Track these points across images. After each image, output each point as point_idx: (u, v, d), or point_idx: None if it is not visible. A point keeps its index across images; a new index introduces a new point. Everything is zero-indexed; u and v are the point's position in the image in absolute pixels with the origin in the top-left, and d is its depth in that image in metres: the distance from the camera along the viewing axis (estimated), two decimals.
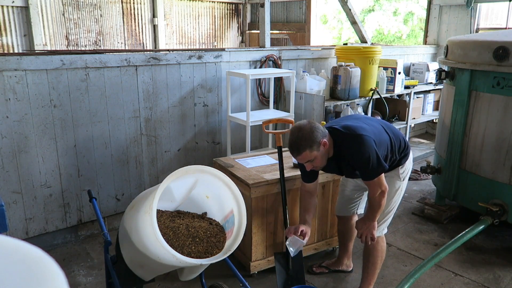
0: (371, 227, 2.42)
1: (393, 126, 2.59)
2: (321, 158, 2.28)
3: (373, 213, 2.42)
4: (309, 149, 2.20)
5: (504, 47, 3.15)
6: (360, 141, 2.23)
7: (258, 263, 2.93)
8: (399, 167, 2.51)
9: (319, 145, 2.22)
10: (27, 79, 2.98)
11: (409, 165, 2.56)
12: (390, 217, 2.63)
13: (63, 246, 3.39)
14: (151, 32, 7.89)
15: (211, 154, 4.16)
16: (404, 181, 2.55)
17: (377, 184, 2.30)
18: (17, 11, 6.07)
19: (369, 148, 2.21)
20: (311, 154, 2.22)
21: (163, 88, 3.70)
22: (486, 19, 6.28)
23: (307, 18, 8.29)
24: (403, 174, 2.53)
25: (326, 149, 2.27)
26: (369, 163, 2.22)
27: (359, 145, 2.23)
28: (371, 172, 2.27)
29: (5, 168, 3.02)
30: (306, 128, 2.22)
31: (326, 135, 2.28)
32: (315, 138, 2.20)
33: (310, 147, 2.20)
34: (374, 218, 2.42)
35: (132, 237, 1.96)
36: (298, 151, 2.22)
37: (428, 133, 6.88)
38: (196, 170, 2.03)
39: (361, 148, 2.22)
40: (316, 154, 2.23)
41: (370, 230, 2.43)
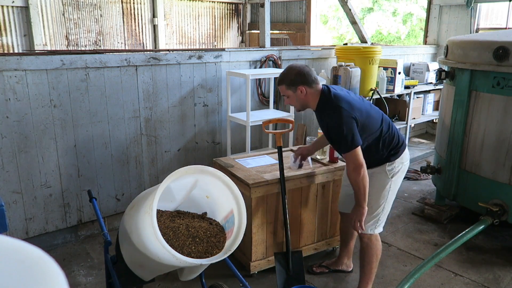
0: (359, 213, 2.43)
1: (394, 125, 2.59)
2: (295, 100, 2.47)
3: (357, 196, 2.42)
4: (286, 86, 2.42)
5: (504, 47, 3.15)
6: (338, 113, 2.33)
7: (258, 263, 2.93)
8: (387, 163, 2.50)
9: (295, 89, 2.41)
10: (27, 79, 2.98)
11: (399, 164, 2.53)
12: (382, 216, 2.59)
13: (63, 246, 3.39)
14: (151, 32, 7.90)
15: (211, 154, 4.16)
16: (393, 178, 2.52)
17: (350, 159, 2.35)
18: (17, 11, 6.07)
19: (345, 122, 2.30)
20: (286, 91, 2.44)
21: (163, 88, 3.70)
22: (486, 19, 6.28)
23: (307, 18, 8.29)
24: (391, 171, 2.51)
25: (303, 97, 2.43)
26: (341, 135, 2.31)
27: (336, 115, 2.33)
28: (343, 145, 2.34)
29: (5, 168, 3.02)
30: (296, 69, 2.43)
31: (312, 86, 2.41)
32: (295, 80, 2.39)
33: (287, 85, 2.42)
34: (359, 202, 2.42)
35: (132, 237, 1.96)
36: (278, 81, 2.48)
37: (428, 133, 6.88)
38: (196, 170, 2.02)
39: (337, 118, 2.32)
40: (291, 93, 2.44)
41: (358, 216, 2.43)
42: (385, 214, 2.62)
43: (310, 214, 3.07)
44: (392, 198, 2.60)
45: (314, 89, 2.42)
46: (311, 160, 3.08)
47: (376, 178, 2.51)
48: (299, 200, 2.98)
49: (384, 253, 3.01)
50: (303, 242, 3.11)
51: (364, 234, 2.61)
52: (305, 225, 3.07)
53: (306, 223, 3.07)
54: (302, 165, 2.96)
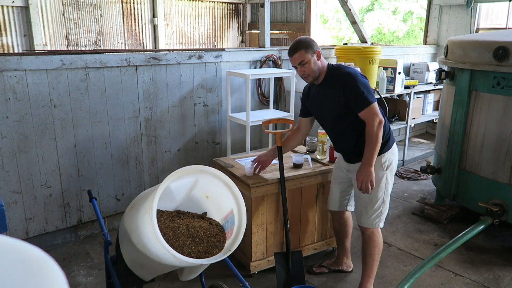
0: (368, 173, 2.45)
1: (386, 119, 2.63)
2: (312, 65, 2.49)
3: (370, 151, 2.44)
4: (305, 50, 2.46)
5: (504, 47, 3.15)
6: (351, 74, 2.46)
7: (258, 263, 2.93)
8: (381, 155, 2.53)
9: (313, 52, 2.48)
10: (27, 79, 2.98)
11: (391, 156, 2.58)
12: (382, 208, 2.61)
13: (63, 246, 3.39)
14: (151, 32, 7.89)
15: (211, 154, 4.16)
16: (388, 171, 2.56)
17: (374, 112, 2.43)
18: (17, 11, 6.07)
19: (360, 80, 2.43)
20: (306, 55, 2.46)
21: (163, 88, 3.70)
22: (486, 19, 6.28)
23: (307, 18, 8.29)
24: (385, 163, 2.55)
25: (319, 60, 2.50)
26: (360, 90, 2.41)
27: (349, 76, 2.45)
28: (365, 99, 2.42)
29: (5, 168, 3.02)
30: (307, 38, 2.55)
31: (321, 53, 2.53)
32: (312, 45, 2.48)
33: (306, 49, 2.46)
34: (370, 159, 2.44)
35: (132, 237, 1.96)
36: (295, 49, 2.47)
37: (428, 133, 6.88)
38: (196, 170, 2.03)
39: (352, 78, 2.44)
40: (310, 58, 2.47)
41: (368, 176, 2.45)
42: (386, 208, 2.64)
43: (310, 214, 3.07)
44: (389, 191, 2.63)
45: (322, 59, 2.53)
46: (311, 160, 3.08)
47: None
48: (299, 200, 2.98)
49: (384, 253, 3.01)
50: (303, 242, 3.11)
51: (365, 228, 2.64)
52: (305, 225, 3.07)
53: (306, 223, 3.07)
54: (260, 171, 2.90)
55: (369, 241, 2.66)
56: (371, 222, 2.61)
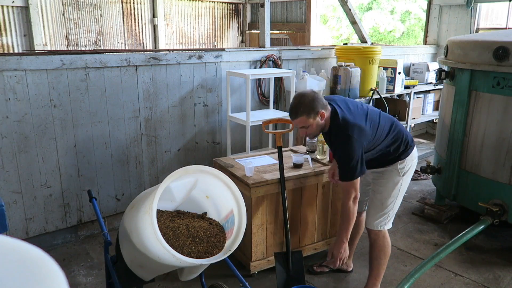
0: (340, 249, 2.46)
1: (400, 125, 2.57)
2: (316, 127, 2.37)
3: (342, 229, 2.46)
4: (307, 115, 2.29)
5: (504, 47, 3.15)
6: (348, 142, 2.29)
7: (258, 263, 2.93)
8: (398, 161, 2.51)
9: (316, 114, 2.30)
10: (27, 79, 2.98)
11: (410, 162, 2.55)
12: (390, 212, 2.61)
13: (63, 246, 3.39)
14: (151, 32, 7.89)
15: (211, 154, 4.16)
16: (404, 177, 2.55)
17: (348, 188, 2.38)
18: (17, 11, 6.07)
19: (354, 151, 2.29)
20: (308, 120, 2.31)
21: (163, 88, 3.70)
22: (486, 19, 6.28)
23: (307, 18, 8.29)
24: (403, 169, 2.52)
25: (322, 121, 2.35)
26: (349, 165, 2.31)
27: (346, 144, 2.31)
28: (349, 174, 2.35)
29: (5, 168, 3.02)
30: (309, 96, 2.31)
31: (327, 109, 2.34)
32: (315, 107, 2.28)
33: (308, 114, 2.29)
34: (341, 234, 2.46)
35: (132, 237, 1.96)
36: (296, 115, 2.32)
37: (428, 133, 6.88)
38: (196, 170, 2.02)
39: (347, 148, 2.30)
40: (312, 122, 2.32)
41: (339, 251, 2.46)
42: (394, 211, 2.64)
43: (310, 214, 3.07)
44: (402, 195, 2.62)
45: (328, 111, 2.36)
46: (311, 160, 3.08)
47: (388, 176, 2.54)
48: (299, 200, 2.98)
49: None
50: (303, 242, 3.11)
51: (372, 230, 2.63)
52: (305, 225, 3.07)
53: (306, 223, 3.07)
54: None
55: (374, 244, 2.65)
56: (377, 225, 2.61)
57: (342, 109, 2.39)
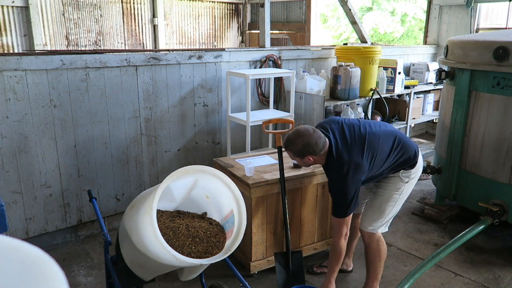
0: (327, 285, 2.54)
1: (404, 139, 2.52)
2: (303, 163, 2.48)
3: (331, 267, 2.53)
4: (293, 153, 2.42)
5: (504, 47, 3.15)
6: (343, 180, 2.33)
7: (258, 263, 2.93)
8: (401, 170, 2.51)
9: (303, 157, 2.39)
10: (27, 79, 2.98)
11: (415, 171, 2.55)
12: (388, 216, 2.60)
13: (63, 246, 3.39)
14: (151, 32, 7.89)
15: (211, 154, 4.16)
16: (407, 183, 2.54)
17: (340, 224, 2.43)
18: (17, 11, 6.07)
19: (348, 189, 2.33)
20: (294, 157, 2.46)
21: (163, 88, 3.70)
22: (486, 19, 6.27)
23: (307, 18, 8.29)
24: (407, 177, 2.52)
25: (310, 163, 2.44)
26: (341, 201, 2.36)
27: (339, 181, 2.34)
28: (342, 211, 2.39)
29: (5, 168, 3.02)
30: (304, 138, 2.32)
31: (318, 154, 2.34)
32: (303, 151, 2.35)
33: (294, 153, 2.41)
34: (330, 274, 2.54)
35: (132, 237, 1.96)
36: (286, 147, 2.44)
37: (428, 133, 6.88)
38: (196, 170, 2.03)
39: (340, 184, 2.34)
40: (298, 159, 2.45)
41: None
42: (392, 216, 2.63)
43: (310, 214, 3.07)
44: (402, 201, 2.61)
45: (321, 154, 2.36)
46: None
47: (390, 181, 2.53)
48: (299, 200, 2.98)
49: None
50: (303, 242, 3.11)
51: (365, 232, 2.62)
52: (305, 225, 3.07)
53: (306, 223, 3.07)
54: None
55: (368, 247, 2.66)
56: (370, 227, 2.60)
57: (338, 141, 2.38)
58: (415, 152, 2.53)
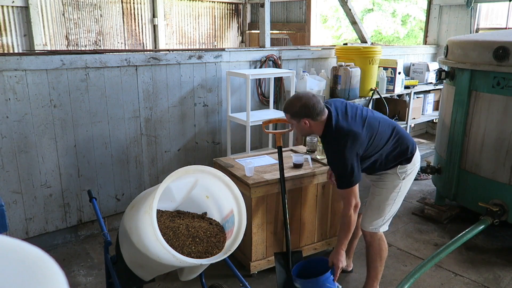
0: (339, 258, 2.44)
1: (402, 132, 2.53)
2: (299, 129, 2.47)
3: (341, 237, 2.45)
4: (290, 116, 2.41)
5: (504, 47, 3.15)
6: (341, 150, 2.29)
7: (258, 263, 2.93)
8: (398, 166, 2.50)
9: (299, 120, 2.37)
10: (27, 79, 2.98)
11: (411, 167, 2.53)
12: (388, 215, 2.59)
13: (63, 246, 3.39)
14: (151, 32, 7.89)
15: (211, 154, 4.16)
16: (404, 180, 2.53)
17: (347, 195, 2.37)
18: (17, 11, 6.07)
19: (348, 159, 2.28)
20: (291, 120, 2.43)
21: (163, 88, 3.70)
22: (486, 19, 6.28)
23: (307, 18, 8.29)
24: (403, 174, 2.51)
25: (306, 128, 2.40)
26: (343, 172, 2.31)
27: (337, 152, 2.31)
28: (345, 182, 2.35)
29: (5, 168, 3.02)
30: (301, 100, 2.35)
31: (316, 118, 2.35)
32: (300, 114, 2.35)
33: (291, 115, 2.40)
34: (340, 244, 2.45)
35: (132, 237, 1.96)
36: (284, 110, 2.45)
37: (428, 133, 6.88)
38: (196, 170, 2.03)
39: (338, 155, 2.31)
40: (294, 123, 2.42)
41: (338, 261, 2.44)
42: (392, 214, 2.62)
43: (310, 214, 3.07)
44: (401, 199, 2.60)
45: (318, 121, 2.36)
46: (311, 160, 3.08)
47: (387, 179, 2.52)
48: (299, 200, 2.98)
49: None
50: (303, 242, 3.11)
51: (367, 232, 2.62)
52: (305, 225, 3.07)
53: (306, 223, 3.07)
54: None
55: (369, 246, 2.65)
56: (372, 227, 2.60)
57: (338, 114, 2.38)
58: (412, 145, 2.53)
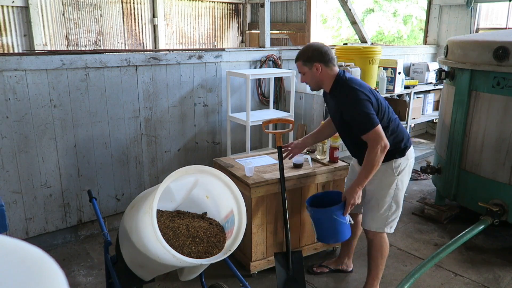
0: (354, 193, 2.39)
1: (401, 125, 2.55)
2: (310, 78, 2.47)
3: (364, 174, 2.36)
4: (302, 62, 2.43)
5: (504, 47, 3.15)
6: (354, 93, 2.32)
7: (258, 263, 2.93)
8: (393, 160, 2.48)
9: (311, 65, 2.40)
10: (27, 79, 2.98)
11: (405, 161, 2.51)
12: (389, 214, 2.57)
13: (63, 246, 3.39)
14: (151, 32, 7.90)
15: (211, 154, 4.16)
16: (399, 176, 2.51)
17: (376, 138, 2.29)
18: (17, 11, 6.07)
19: (362, 102, 2.30)
20: (303, 67, 2.45)
21: (163, 88, 3.70)
22: (486, 19, 6.28)
23: (307, 18, 8.29)
24: (397, 168, 2.49)
25: (318, 74, 2.42)
26: (360, 115, 2.30)
27: (352, 95, 2.33)
28: (364, 124, 2.31)
29: (5, 168, 3.02)
30: (314, 46, 2.43)
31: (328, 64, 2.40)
32: (312, 57, 2.39)
33: (304, 61, 2.42)
34: (362, 181, 2.38)
35: (132, 237, 1.96)
36: (296, 58, 2.47)
37: (428, 133, 6.88)
38: (196, 170, 2.02)
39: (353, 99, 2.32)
40: (307, 70, 2.44)
41: (352, 196, 2.39)
42: (395, 215, 2.60)
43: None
44: (401, 197, 2.58)
45: (330, 69, 2.41)
46: (311, 160, 3.08)
47: (381, 175, 2.51)
48: (299, 200, 2.98)
49: None
50: (303, 242, 3.11)
51: (369, 231, 2.62)
52: (305, 225, 3.07)
53: (306, 223, 3.07)
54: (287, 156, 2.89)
55: (371, 245, 2.65)
56: (375, 226, 2.59)
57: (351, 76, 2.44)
58: (407, 139, 2.54)
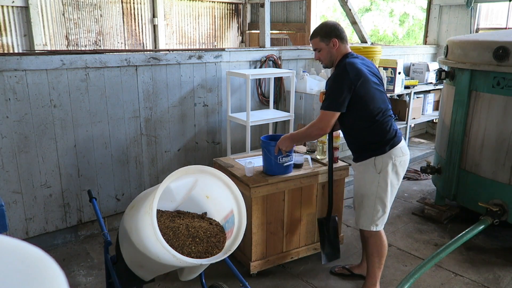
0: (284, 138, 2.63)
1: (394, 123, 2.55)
2: (325, 54, 2.52)
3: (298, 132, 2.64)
4: (320, 38, 2.49)
5: (504, 47, 3.15)
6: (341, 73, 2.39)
7: (258, 263, 2.93)
8: (374, 157, 2.46)
9: (329, 41, 2.47)
10: (27, 79, 2.98)
11: (388, 160, 2.45)
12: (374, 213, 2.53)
13: (63, 246, 3.39)
14: (151, 32, 7.89)
15: (211, 154, 4.16)
16: (381, 174, 2.46)
17: (321, 118, 2.44)
18: (17, 11, 6.07)
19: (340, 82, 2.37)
20: (319, 43, 2.50)
21: (163, 88, 3.70)
22: (486, 19, 6.28)
23: (307, 18, 8.29)
24: (378, 166, 2.46)
25: (334, 50, 2.49)
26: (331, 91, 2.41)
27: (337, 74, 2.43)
28: (325, 100, 2.43)
29: (5, 168, 3.02)
30: (331, 23, 2.54)
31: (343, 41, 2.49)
32: (330, 33, 2.47)
33: (321, 37, 2.48)
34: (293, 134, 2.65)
35: (132, 237, 1.96)
36: (313, 35, 2.53)
37: (428, 133, 6.88)
38: (196, 170, 2.02)
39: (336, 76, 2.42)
40: (323, 46, 2.49)
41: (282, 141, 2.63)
42: (381, 213, 2.56)
43: (310, 214, 3.07)
44: (385, 196, 2.51)
45: (343, 46, 2.49)
46: (311, 160, 3.08)
47: (362, 170, 2.53)
48: (299, 200, 2.98)
49: None
50: (303, 242, 3.11)
51: (360, 228, 2.66)
52: (305, 225, 3.07)
53: (306, 223, 3.07)
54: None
55: (366, 241, 2.66)
56: (362, 224, 2.60)
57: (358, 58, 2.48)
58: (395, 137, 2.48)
